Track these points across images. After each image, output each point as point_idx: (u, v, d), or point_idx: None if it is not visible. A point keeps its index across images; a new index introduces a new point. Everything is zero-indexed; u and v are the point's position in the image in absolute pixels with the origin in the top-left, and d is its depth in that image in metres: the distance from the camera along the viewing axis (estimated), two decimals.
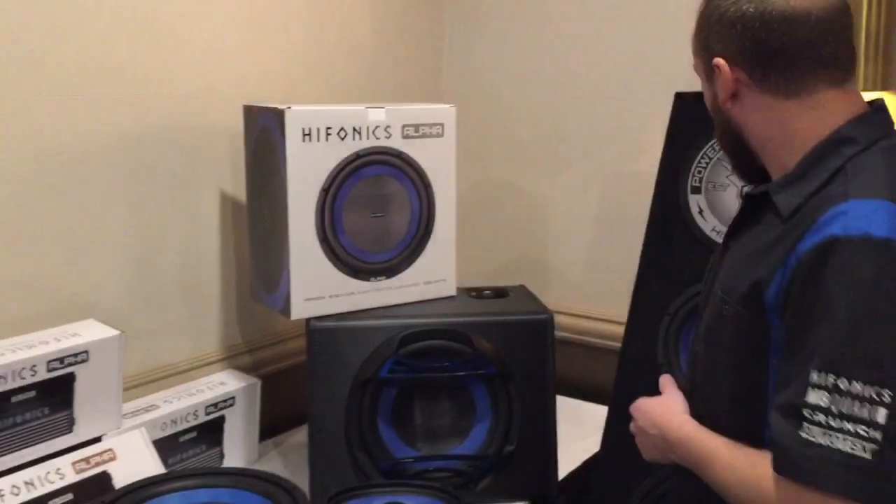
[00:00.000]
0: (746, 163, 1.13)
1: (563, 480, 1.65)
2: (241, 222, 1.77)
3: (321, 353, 1.53)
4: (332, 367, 1.53)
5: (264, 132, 1.55)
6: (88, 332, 1.41)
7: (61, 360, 1.34)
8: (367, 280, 1.60)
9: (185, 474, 1.34)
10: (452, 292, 1.70)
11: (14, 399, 1.29)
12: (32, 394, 1.31)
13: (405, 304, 1.63)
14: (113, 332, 1.41)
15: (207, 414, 1.63)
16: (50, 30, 1.43)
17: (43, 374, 1.32)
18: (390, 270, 1.62)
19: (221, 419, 1.66)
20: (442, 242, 1.67)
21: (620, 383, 1.63)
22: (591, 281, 2.10)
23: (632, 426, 1.21)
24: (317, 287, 1.55)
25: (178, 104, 1.65)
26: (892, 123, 1.05)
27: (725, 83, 1.05)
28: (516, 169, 2.20)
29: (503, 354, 1.56)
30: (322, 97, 1.91)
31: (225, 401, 1.66)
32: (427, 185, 1.63)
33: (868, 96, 1.09)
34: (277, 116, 1.48)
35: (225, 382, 1.70)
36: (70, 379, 1.36)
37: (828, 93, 1.02)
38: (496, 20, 2.19)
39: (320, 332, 1.53)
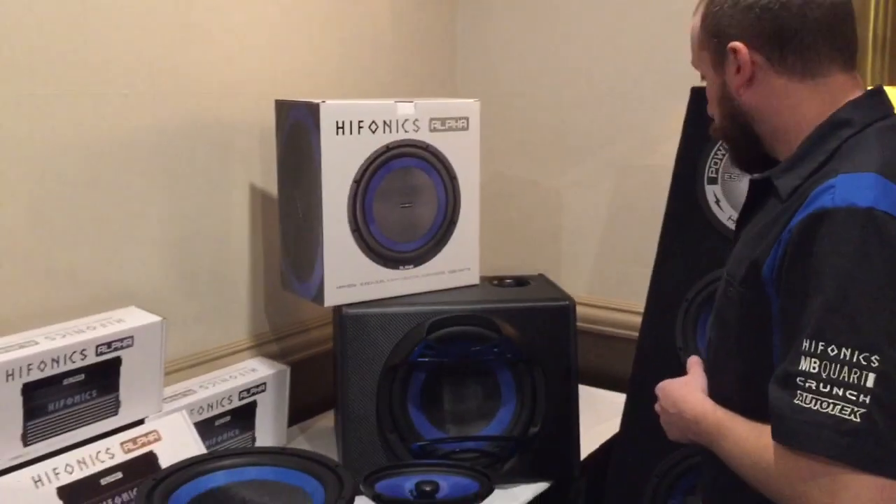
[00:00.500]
0: (751, 152, 1.16)
1: (584, 461, 1.71)
2: (270, 214, 1.82)
3: (353, 339, 1.59)
4: (363, 352, 1.59)
5: (296, 126, 1.61)
6: (132, 319, 1.46)
7: (109, 344, 1.39)
8: (396, 268, 1.65)
9: (231, 453, 1.40)
10: (476, 281, 1.76)
11: (65, 382, 1.34)
12: (82, 377, 1.36)
13: (432, 292, 1.69)
14: (156, 319, 1.47)
15: (240, 399, 1.68)
16: (89, 28, 1.49)
17: (92, 358, 1.37)
18: (418, 259, 1.68)
19: (253, 404, 1.71)
20: (466, 232, 1.73)
21: (639, 369, 1.69)
22: (605, 272, 2.17)
23: (656, 406, 1.23)
24: (348, 275, 1.60)
25: (210, 99, 1.70)
26: (889, 106, 1.08)
27: (744, 67, 1.08)
28: (531, 163, 2.26)
29: (527, 340, 1.62)
30: (343, 92, 1.97)
31: (257, 386, 1.71)
32: (453, 177, 1.69)
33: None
34: (312, 110, 1.54)
35: (256, 369, 1.75)
36: (116, 363, 1.41)
37: (838, 77, 1.06)
38: (509, 17, 2.25)
39: (352, 319, 1.59)
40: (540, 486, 1.63)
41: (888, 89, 1.17)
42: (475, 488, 1.45)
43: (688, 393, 1.16)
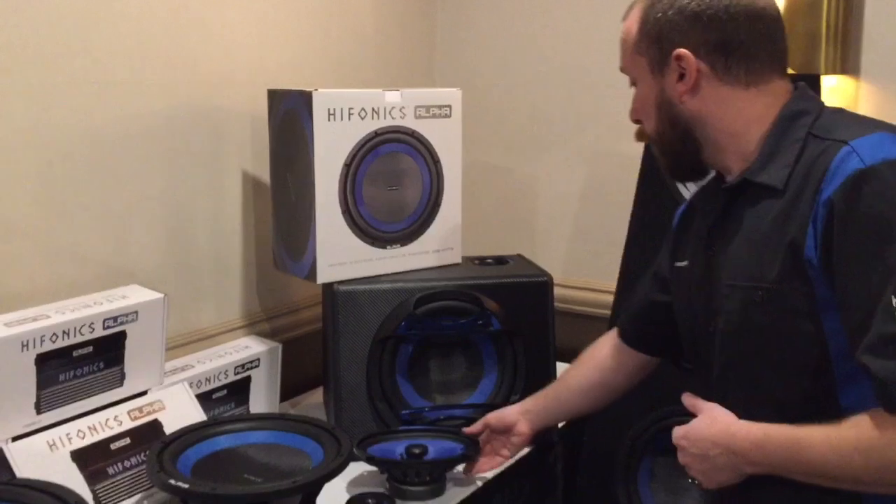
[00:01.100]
0: (689, 159, 1.17)
1: (562, 428, 1.82)
2: (262, 200, 1.91)
3: (344, 314, 1.68)
4: (354, 326, 1.68)
5: (289, 113, 1.70)
6: (136, 295, 1.54)
7: (115, 318, 1.47)
8: (384, 248, 1.75)
9: (234, 419, 1.49)
10: (458, 260, 1.86)
11: (75, 354, 1.42)
12: (90, 349, 1.44)
13: (417, 270, 1.78)
14: (158, 295, 1.54)
15: (236, 374, 1.76)
16: (92, 21, 1.56)
17: (99, 332, 1.45)
18: (404, 239, 1.78)
19: (248, 379, 1.79)
20: (449, 214, 1.83)
21: None
22: (578, 253, 2.28)
23: (683, 457, 1.13)
24: (339, 254, 1.69)
25: (205, 90, 1.78)
26: (819, 99, 1.15)
27: (689, 74, 1.10)
28: (506, 150, 2.36)
29: (508, 313, 1.73)
30: (329, 82, 2.05)
31: (251, 362, 1.79)
32: (437, 161, 1.79)
33: (831, 79, 1.23)
34: (305, 98, 1.63)
35: (249, 346, 1.83)
36: (122, 337, 1.49)
37: (777, 82, 1.13)
38: (487, 10, 2.35)
39: (344, 295, 1.68)
40: (522, 451, 1.73)
41: (846, 83, 1.25)
42: (460, 450, 1.56)
43: (727, 426, 1.08)
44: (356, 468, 1.56)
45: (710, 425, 1.10)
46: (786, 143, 1.09)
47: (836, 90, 1.88)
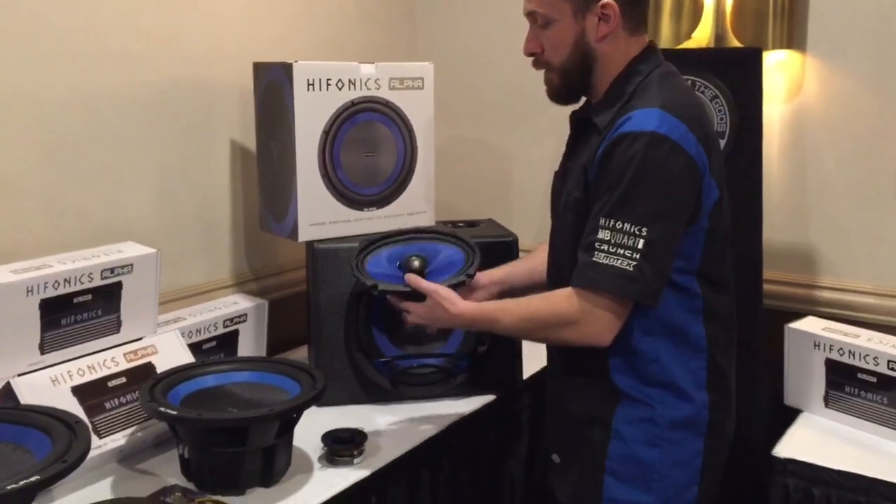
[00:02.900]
0: (579, 91, 1.45)
1: (527, 379, 1.96)
2: (248, 166, 2.04)
3: (324, 271, 1.82)
4: (332, 282, 1.82)
5: (272, 84, 1.83)
6: (131, 250, 1.68)
7: (112, 269, 1.61)
8: (361, 210, 1.89)
9: (219, 361, 1.63)
10: (432, 222, 1.99)
11: (76, 301, 1.56)
12: (89, 297, 1.58)
13: (404, 229, 1.90)
14: (151, 250, 1.69)
15: (225, 327, 1.90)
16: None
17: (98, 281, 1.59)
18: (380, 202, 1.92)
19: (236, 332, 1.93)
20: (422, 179, 1.97)
21: None
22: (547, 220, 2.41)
23: (413, 319, 1.53)
24: (319, 215, 1.83)
25: (194, 63, 1.92)
26: (661, 57, 1.43)
27: (614, 20, 1.36)
28: (482, 122, 2.50)
29: (479, 268, 1.86)
30: (313, 56, 2.18)
31: (239, 316, 1.93)
32: (410, 130, 1.92)
33: (778, 54, 1.35)
34: (286, 70, 1.76)
35: (237, 302, 1.98)
36: (118, 287, 1.63)
37: (644, 35, 1.42)
38: None
39: (323, 253, 1.82)
40: (487, 398, 1.88)
41: (793, 57, 1.38)
42: (461, 264, 1.66)
43: (458, 308, 1.47)
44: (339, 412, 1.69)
45: (446, 307, 1.46)
46: (620, 93, 1.39)
47: (782, 65, 2.01)
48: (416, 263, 1.65)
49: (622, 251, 1.30)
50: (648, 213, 1.29)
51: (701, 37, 2.07)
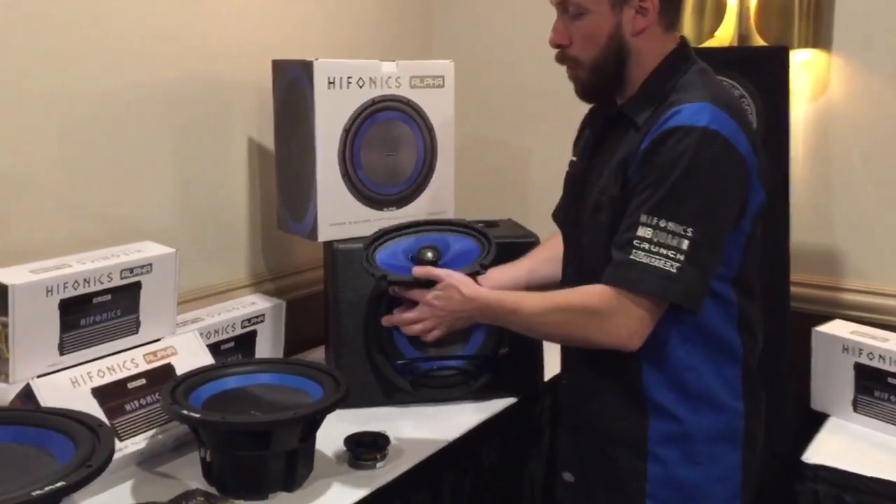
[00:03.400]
0: (611, 87, 1.37)
1: (548, 381, 1.93)
2: (265, 165, 2.02)
3: (344, 271, 1.79)
4: (352, 282, 1.80)
5: (292, 82, 1.81)
6: (149, 249, 1.66)
7: (131, 269, 1.59)
8: (381, 210, 1.87)
9: (241, 362, 1.61)
10: None
11: (95, 301, 1.54)
12: (108, 297, 1.56)
13: (416, 220, 1.87)
14: (170, 250, 1.66)
15: (243, 327, 1.88)
16: None
17: (117, 281, 1.57)
18: (400, 202, 1.89)
19: (254, 333, 1.91)
20: (442, 179, 1.94)
21: None
22: None
23: (422, 312, 1.42)
24: (339, 214, 1.81)
25: (212, 60, 1.90)
26: (694, 55, 1.37)
27: (651, 14, 1.30)
28: (499, 121, 2.47)
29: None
30: (330, 54, 2.16)
31: (257, 317, 1.91)
32: (430, 129, 1.90)
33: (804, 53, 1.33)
34: (306, 68, 1.74)
35: (255, 302, 1.95)
36: (137, 287, 1.61)
37: (677, 32, 1.37)
38: None
39: (343, 253, 1.80)
40: (508, 401, 1.85)
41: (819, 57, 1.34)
42: (476, 254, 1.59)
43: (475, 290, 1.40)
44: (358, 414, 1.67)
45: (460, 288, 1.39)
46: (657, 90, 1.32)
47: (807, 64, 1.98)
48: (429, 255, 1.59)
49: (665, 251, 1.22)
50: (695, 212, 1.22)
51: (724, 35, 2.05)
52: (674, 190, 1.22)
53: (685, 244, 1.22)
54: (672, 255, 1.22)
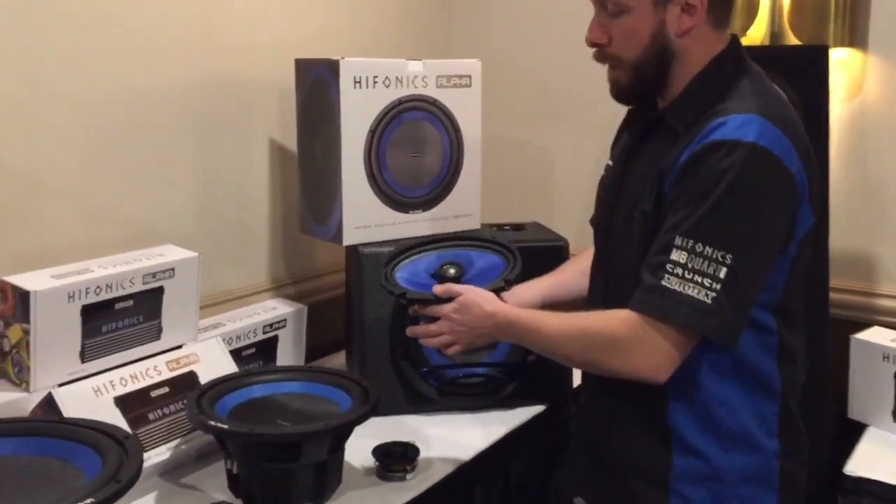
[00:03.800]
0: (651, 89, 1.27)
1: (576, 388, 1.89)
2: (288, 166, 1.98)
3: (369, 275, 1.75)
4: (377, 288, 1.75)
5: (317, 82, 1.77)
6: (172, 253, 1.62)
7: (153, 274, 1.55)
8: (406, 213, 1.82)
9: (267, 370, 1.56)
10: (477, 225, 1.93)
11: (117, 307, 1.50)
12: (130, 303, 1.52)
13: (437, 235, 1.85)
14: (193, 254, 1.62)
15: (264, 333, 1.84)
16: None
17: (139, 286, 1.53)
18: (425, 204, 1.85)
19: (275, 338, 1.87)
20: (469, 181, 1.90)
21: None
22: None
23: (442, 326, 1.37)
24: (364, 217, 1.76)
25: (233, 60, 1.85)
26: (747, 56, 1.27)
27: (700, 14, 1.19)
28: (522, 121, 2.42)
29: (526, 277, 1.79)
30: (349, 53, 2.10)
31: (278, 322, 1.87)
32: (457, 129, 1.85)
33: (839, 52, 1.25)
34: (332, 67, 1.70)
35: (276, 307, 1.91)
36: (160, 292, 1.56)
37: (727, 30, 1.26)
38: None
39: (368, 257, 1.75)
40: (536, 409, 1.81)
41: (855, 57, 1.29)
42: (501, 269, 1.53)
43: (495, 304, 1.34)
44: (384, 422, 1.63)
45: (481, 303, 1.34)
46: (704, 93, 1.22)
47: (843, 63, 1.93)
48: (452, 272, 1.53)
49: (699, 278, 1.12)
50: (736, 236, 1.12)
51: (755, 34, 2.00)
52: (713, 211, 1.13)
53: (722, 272, 1.12)
54: (707, 284, 1.12)
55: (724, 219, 1.13)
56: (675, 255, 1.14)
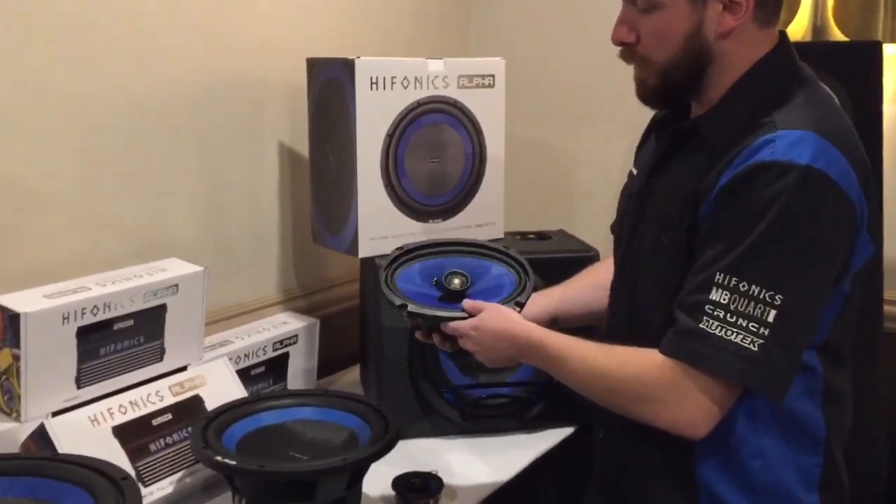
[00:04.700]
0: (684, 94, 1.13)
1: None
2: (299, 172, 1.86)
3: None
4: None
5: (330, 82, 1.65)
6: (175, 268, 1.50)
7: (155, 291, 1.44)
8: (426, 222, 1.70)
9: (277, 395, 1.45)
10: (500, 234, 1.81)
11: (115, 327, 1.39)
12: (130, 323, 1.41)
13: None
14: (198, 268, 1.51)
15: (274, 350, 1.72)
16: None
17: (140, 304, 1.41)
18: (446, 213, 1.73)
19: (286, 355, 1.75)
20: (491, 187, 1.78)
21: None
22: None
23: (466, 344, 1.26)
24: (381, 227, 1.65)
25: (241, 60, 1.74)
26: (797, 58, 1.13)
27: (745, 12, 1.05)
28: (543, 124, 2.30)
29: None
30: (365, 52, 1.99)
31: (289, 338, 1.75)
32: (479, 133, 1.73)
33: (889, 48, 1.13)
34: (347, 66, 1.58)
35: (287, 322, 1.80)
36: (162, 310, 1.45)
37: (775, 26, 1.12)
38: None
39: None
40: (566, 431, 1.69)
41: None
42: (510, 285, 1.37)
43: (514, 324, 1.22)
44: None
45: (499, 322, 1.22)
46: (746, 102, 1.08)
47: (893, 60, 1.81)
48: (457, 282, 1.37)
49: (745, 322, 0.98)
50: (786, 273, 0.98)
51: (796, 29, 1.88)
52: (760, 244, 0.98)
53: (771, 315, 0.98)
54: (754, 329, 0.98)
55: (772, 253, 0.99)
56: (716, 295, 1.00)
